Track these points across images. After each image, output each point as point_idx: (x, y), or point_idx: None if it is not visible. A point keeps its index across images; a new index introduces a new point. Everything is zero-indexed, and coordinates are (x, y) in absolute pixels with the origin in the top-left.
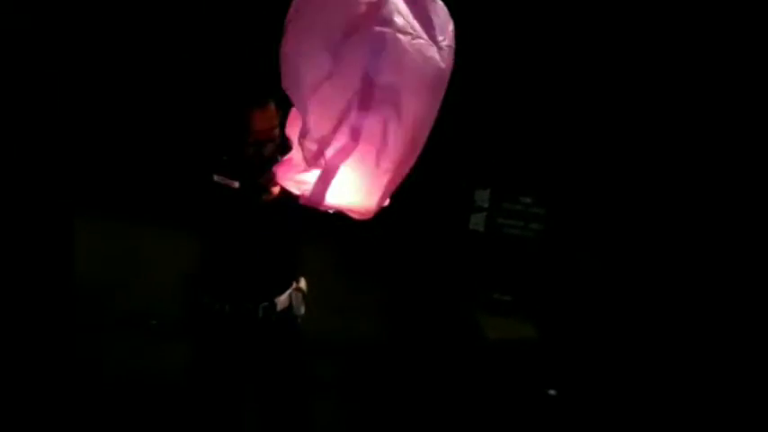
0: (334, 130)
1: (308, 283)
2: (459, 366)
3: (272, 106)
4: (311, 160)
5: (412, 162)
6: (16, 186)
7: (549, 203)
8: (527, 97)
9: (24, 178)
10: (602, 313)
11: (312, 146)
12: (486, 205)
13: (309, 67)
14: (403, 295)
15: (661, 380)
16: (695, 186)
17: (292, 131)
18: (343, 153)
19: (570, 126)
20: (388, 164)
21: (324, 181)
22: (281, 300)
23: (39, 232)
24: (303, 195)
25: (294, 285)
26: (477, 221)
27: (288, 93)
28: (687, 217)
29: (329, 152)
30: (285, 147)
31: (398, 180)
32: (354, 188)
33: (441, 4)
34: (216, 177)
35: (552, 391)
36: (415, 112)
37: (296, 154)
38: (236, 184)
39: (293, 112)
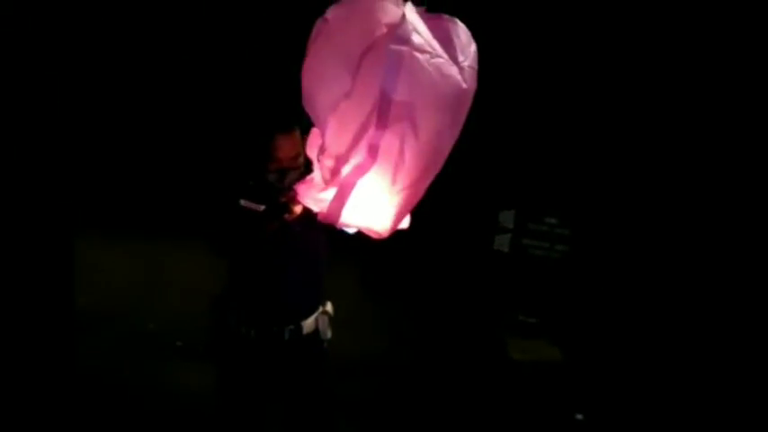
0: (352, 147)
1: (335, 307)
2: (485, 389)
3: (297, 134)
4: (329, 177)
5: (429, 181)
6: (20, 202)
7: (574, 224)
8: (551, 118)
9: (29, 194)
10: (631, 336)
11: (329, 162)
12: (510, 226)
13: (329, 85)
14: (428, 317)
15: (691, 406)
16: (722, 209)
17: (313, 151)
18: (360, 170)
19: (594, 146)
20: (405, 181)
21: (340, 198)
22: (308, 323)
23: (38, 251)
24: (321, 213)
25: (321, 309)
26: (501, 242)
27: (308, 111)
28: (714, 238)
29: (346, 169)
30: (309, 172)
31: (415, 199)
32: (371, 206)
33: (462, 26)
34: (242, 202)
35: (579, 416)
36: (433, 129)
37: (317, 173)
38: (262, 208)
39: (313, 132)
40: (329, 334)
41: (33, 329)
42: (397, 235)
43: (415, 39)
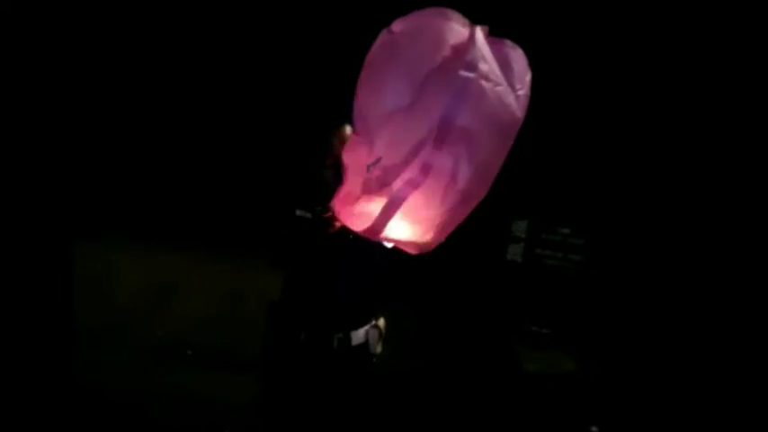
0: (405, 162)
1: (387, 323)
2: (499, 400)
3: (349, 130)
4: (375, 188)
5: (475, 204)
6: (21, 209)
7: (587, 233)
8: (564, 128)
9: (31, 201)
10: (646, 346)
11: (381, 174)
12: (523, 236)
13: (387, 97)
14: (441, 327)
15: (707, 419)
16: (737, 219)
17: (351, 157)
18: (411, 186)
19: (607, 156)
20: (453, 202)
21: (388, 212)
22: (358, 334)
23: (39, 258)
24: (364, 226)
25: (372, 322)
26: (514, 252)
27: (357, 119)
28: (729, 249)
29: (397, 183)
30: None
31: (459, 220)
32: (415, 222)
33: (521, 53)
34: (298, 212)
35: (595, 428)
36: (486, 155)
37: (350, 183)
38: (310, 215)
39: (354, 140)
40: (379, 348)
41: (33, 339)
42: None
43: (483, 67)
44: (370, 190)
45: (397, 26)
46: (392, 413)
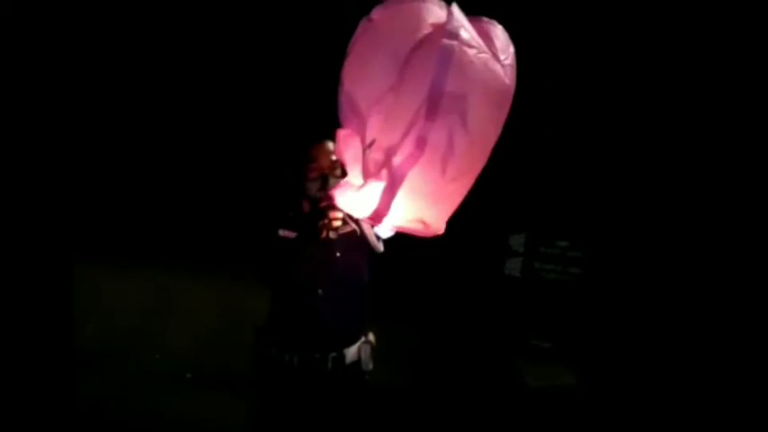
0: (402, 138)
1: (377, 337)
2: (500, 415)
3: (331, 145)
4: (375, 170)
5: (476, 173)
6: (20, 227)
7: (586, 246)
8: (560, 140)
9: (30, 218)
10: (647, 359)
11: (378, 155)
12: (521, 250)
13: (373, 81)
14: (439, 342)
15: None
16: (737, 232)
17: (345, 151)
18: (410, 162)
19: (605, 168)
20: (453, 172)
21: (390, 191)
22: (351, 352)
23: (38, 279)
24: (370, 210)
25: (363, 338)
26: (513, 266)
27: (344, 109)
28: (730, 261)
29: (396, 160)
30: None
31: (464, 191)
32: (419, 199)
33: (501, 28)
34: (281, 232)
35: None
36: (481, 122)
37: (351, 176)
38: (294, 235)
39: (344, 134)
40: (371, 365)
41: (34, 362)
42: (407, 259)
43: (464, 34)
44: (369, 173)
45: (376, 13)
46: (392, 430)
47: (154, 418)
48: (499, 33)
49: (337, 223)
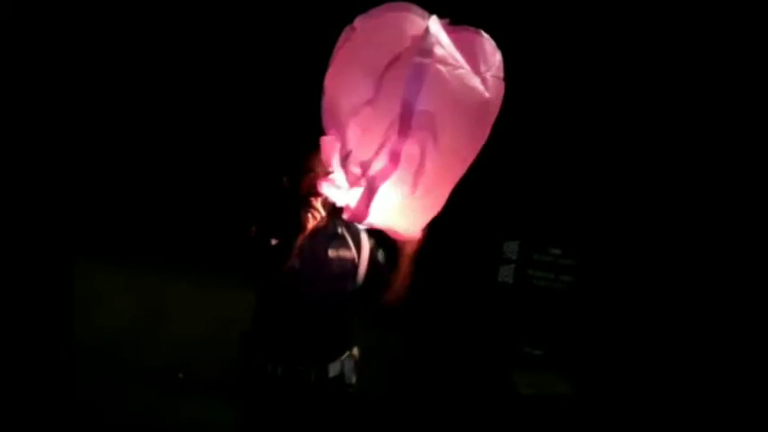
0: (376, 153)
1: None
2: (492, 423)
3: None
4: (353, 181)
5: (449, 187)
6: (20, 227)
7: (579, 254)
8: (554, 147)
9: (30, 219)
10: (640, 366)
11: (355, 169)
12: (514, 257)
13: (352, 92)
14: (431, 349)
15: None
16: (731, 239)
17: (326, 154)
18: (383, 175)
19: (599, 176)
20: (425, 187)
21: (366, 199)
22: (334, 365)
23: (39, 278)
24: (347, 212)
25: (347, 352)
26: (506, 273)
27: (327, 116)
28: (723, 268)
29: (370, 173)
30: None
31: (438, 204)
32: (394, 209)
33: (486, 36)
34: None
35: None
36: (453, 138)
37: (336, 176)
38: (275, 242)
39: (327, 140)
40: (354, 379)
41: (33, 361)
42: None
43: (438, 51)
44: (349, 183)
45: (359, 22)
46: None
47: (146, 418)
48: (484, 43)
49: (321, 211)
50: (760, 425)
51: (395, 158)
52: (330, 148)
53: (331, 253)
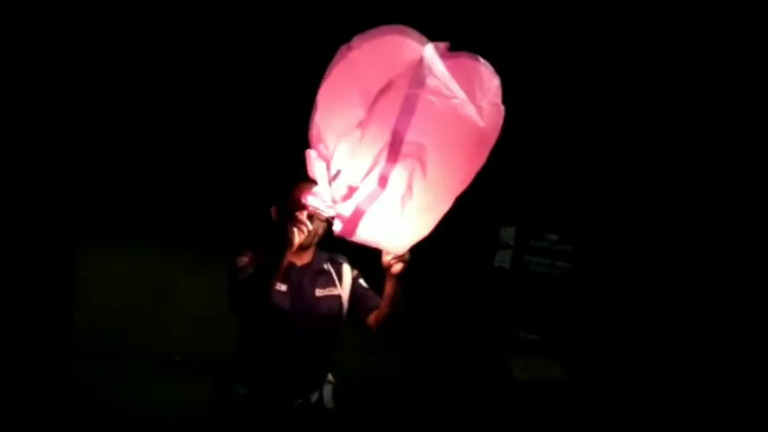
0: (365, 176)
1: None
2: (487, 406)
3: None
4: (340, 201)
5: (439, 213)
6: (20, 213)
7: (576, 240)
8: (552, 133)
9: (31, 205)
10: (634, 352)
11: (343, 188)
12: (511, 243)
13: (343, 112)
14: (428, 334)
15: (696, 423)
16: (725, 224)
17: (313, 170)
18: (371, 199)
19: (595, 162)
20: (411, 211)
21: (353, 221)
22: (314, 395)
23: (39, 263)
24: (335, 230)
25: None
26: (502, 259)
27: (315, 133)
28: (718, 253)
29: (358, 195)
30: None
31: (426, 226)
32: (381, 228)
33: (484, 62)
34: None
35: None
36: (442, 168)
37: (320, 188)
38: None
39: (312, 156)
40: (332, 404)
41: (32, 343)
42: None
43: (431, 82)
44: (335, 200)
45: (355, 42)
46: (379, 420)
47: (142, 400)
48: (481, 69)
49: (309, 225)
50: (751, 409)
51: (383, 182)
52: (315, 163)
53: (318, 292)
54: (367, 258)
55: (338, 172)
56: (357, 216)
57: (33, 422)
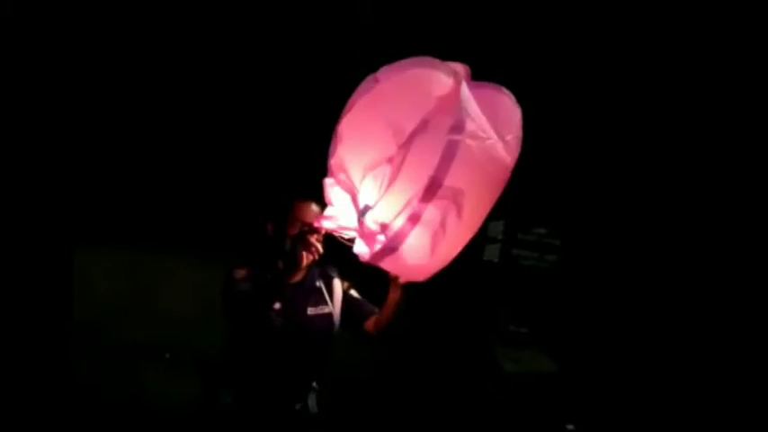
0: (396, 216)
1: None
2: (477, 399)
3: (315, 207)
4: (369, 236)
5: (464, 245)
6: (20, 213)
7: (563, 234)
8: (539, 127)
9: (30, 205)
10: (622, 345)
11: (372, 225)
12: (500, 236)
13: (370, 146)
14: (416, 328)
15: (685, 415)
16: (712, 217)
17: (336, 201)
18: (401, 236)
19: (583, 156)
20: (442, 249)
21: (381, 255)
22: (299, 404)
23: (38, 261)
24: (361, 256)
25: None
26: (491, 253)
27: (337, 163)
28: (705, 245)
29: (389, 234)
30: None
31: (449, 259)
32: (407, 263)
33: (507, 94)
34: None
35: (571, 426)
36: (476, 206)
37: (335, 210)
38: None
39: (331, 184)
40: (316, 409)
41: (31, 340)
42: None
43: (470, 126)
44: (363, 235)
45: (382, 75)
46: (369, 413)
47: (134, 396)
48: (506, 102)
49: (320, 249)
50: (742, 398)
51: (414, 219)
52: (336, 193)
53: (310, 311)
54: (357, 267)
55: (367, 207)
56: (386, 252)
57: (33, 416)
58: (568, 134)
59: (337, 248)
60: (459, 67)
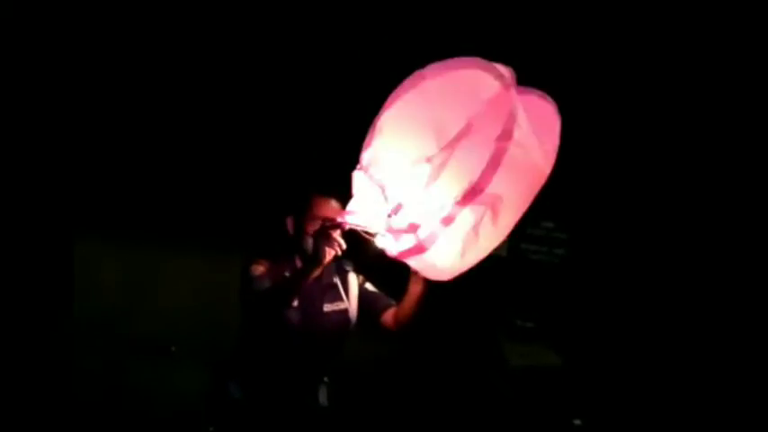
0: (431, 217)
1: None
2: (483, 393)
3: (335, 204)
4: (399, 233)
5: (493, 250)
6: (21, 207)
7: (572, 228)
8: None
9: (31, 199)
10: (629, 340)
11: (402, 223)
12: None
13: (411, 141)
14: (424, 321)
15: (690, 411)
16: (719, 212)
17: (365, 195)
18: (434, 236)
19: (592, 150)
20: (471, 254)
21: (409, 253)
22: (309, 397)
23: (39, 255)
24: (389, 252)
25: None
26: (499, 246)
27: (371, 154)
28: (712, 240)
29: (420, 234)
30: None
31: (474, 262)
32: (434, 263)
33: (551, 102)
34: (266, 283)
35: (578, 421)
36: (511, 214)
37: (358, 205)
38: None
39: (360, 176)
40: (327, 403)
41: (33, 332)
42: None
43: (517, 134)
44: (392, 233)
45: (430, 71)
46: (376, 406)
47: (138, 389)
48: (550, 111)
49: (342, 244)
50: (747, 393)
51: (448, 221)
52: (365, 186)
53: (326, 307)
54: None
55: (398, 206)
56: (415, 251)
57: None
58: (577, 129)
59: (353, 241)
60: (505, 71)
